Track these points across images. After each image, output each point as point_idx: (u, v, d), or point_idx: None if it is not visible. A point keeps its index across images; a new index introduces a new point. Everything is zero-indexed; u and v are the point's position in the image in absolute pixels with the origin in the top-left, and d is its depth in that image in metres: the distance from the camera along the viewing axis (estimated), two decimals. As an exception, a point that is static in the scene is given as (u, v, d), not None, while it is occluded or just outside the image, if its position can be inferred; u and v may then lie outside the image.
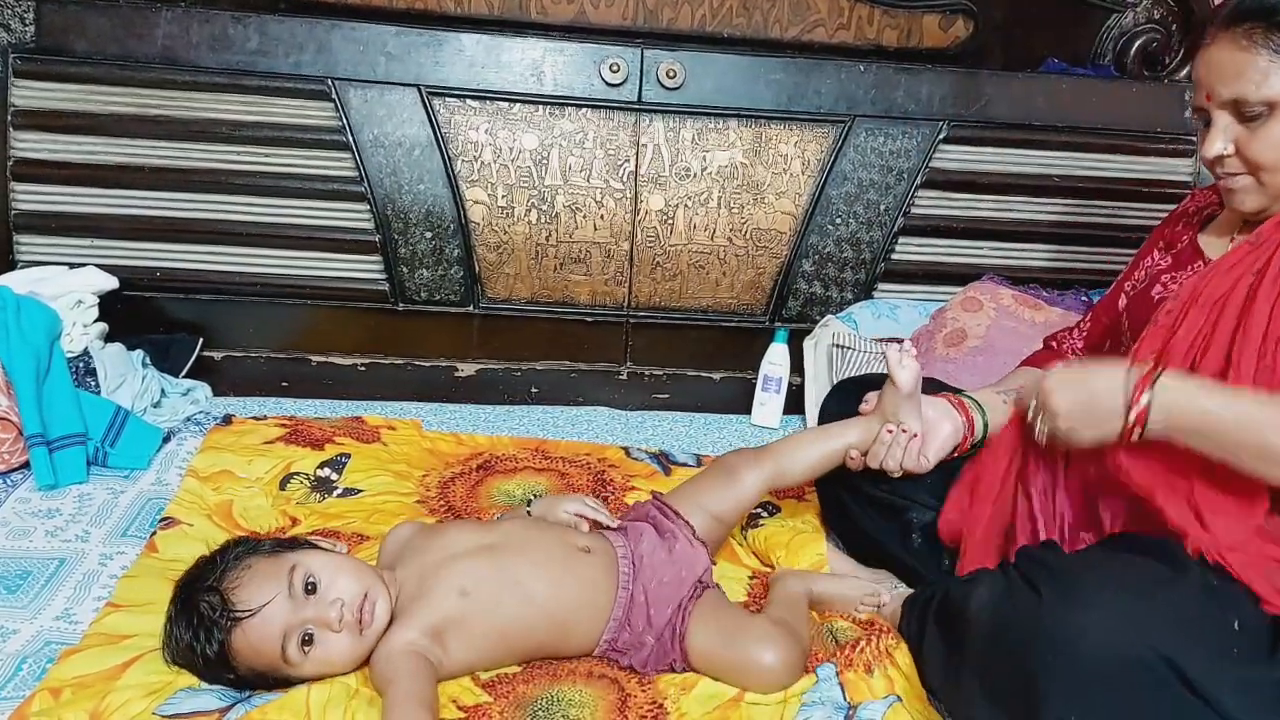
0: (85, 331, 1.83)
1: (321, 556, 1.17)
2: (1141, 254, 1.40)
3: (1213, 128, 1.18)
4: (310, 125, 1.97)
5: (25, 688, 1.12)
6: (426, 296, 2.07)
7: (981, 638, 1.06)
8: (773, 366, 2.05)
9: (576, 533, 1.28)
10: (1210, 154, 1.18)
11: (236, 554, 1.16)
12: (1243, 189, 1.19)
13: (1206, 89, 1.17)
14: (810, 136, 2.05)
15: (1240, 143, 1.16)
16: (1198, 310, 1.16)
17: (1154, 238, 1.40)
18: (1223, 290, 1.15)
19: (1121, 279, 1.42)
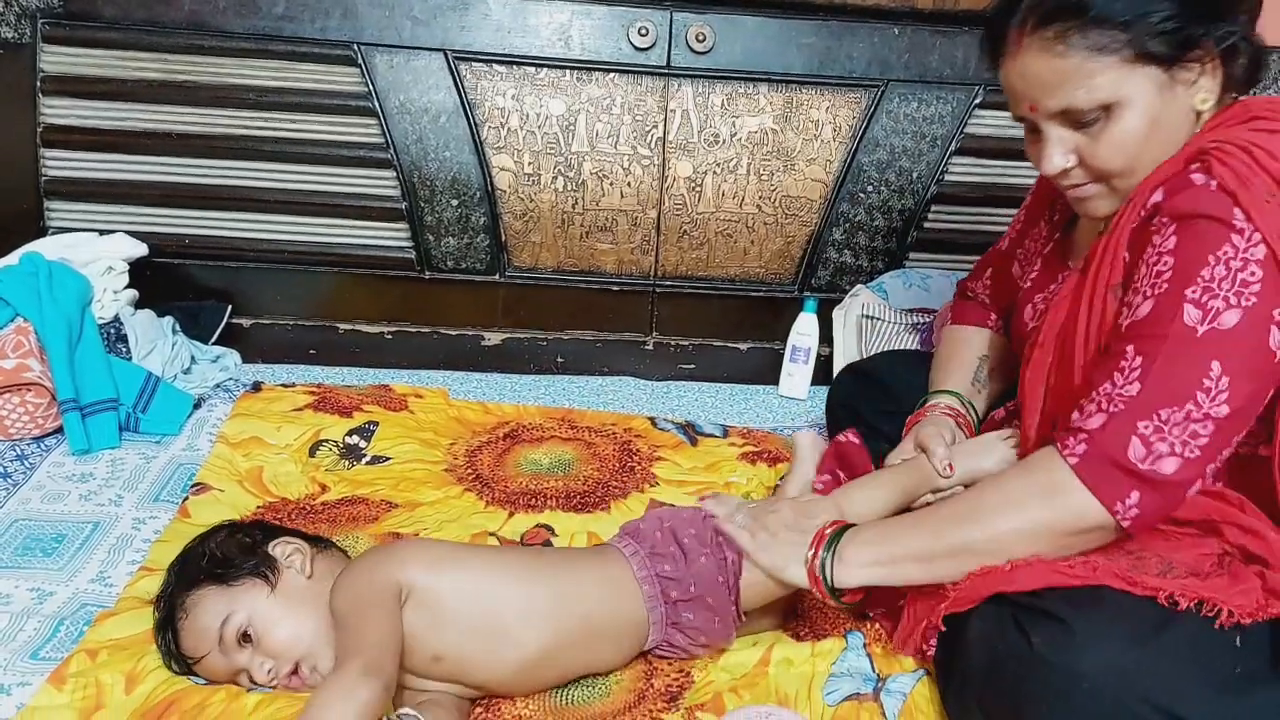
0: (116, 298, 1.84)
1: (264, 602, 1.06)
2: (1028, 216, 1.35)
3: (1046, 141, 1.06)
4: (336, 91, 1.96)
5: (63, 648, 1.14)
6: (453, 265, 2.07)
7: (978, 671, 1.03)
8: (801, 337, 2.03)
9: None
10: (1051, 170, 1.07)
11: (187, 579, 1.09)
12: (1095, 196, 1.09)
13: (1027, 101, 1.05)
14: (842, 102, 2.01)
15: (1082, 151, 1.05)
16: (1041, 350, 1.14)
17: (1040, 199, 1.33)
18: (1058, 325, 1.13)
19: (1013, 240, 1.37)
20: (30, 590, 1.25)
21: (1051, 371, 1.13)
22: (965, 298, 1.47)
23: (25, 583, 1.27)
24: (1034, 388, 1.14)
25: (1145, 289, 1.00)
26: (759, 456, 1.67)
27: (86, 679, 1.07)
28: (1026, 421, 1.17)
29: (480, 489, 1.54)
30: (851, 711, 1.11)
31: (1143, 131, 1.02)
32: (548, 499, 1.53)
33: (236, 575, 1.08)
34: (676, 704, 1.11)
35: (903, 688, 1.15)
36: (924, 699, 1.14)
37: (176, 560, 1.14)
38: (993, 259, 1.42)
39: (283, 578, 1.09)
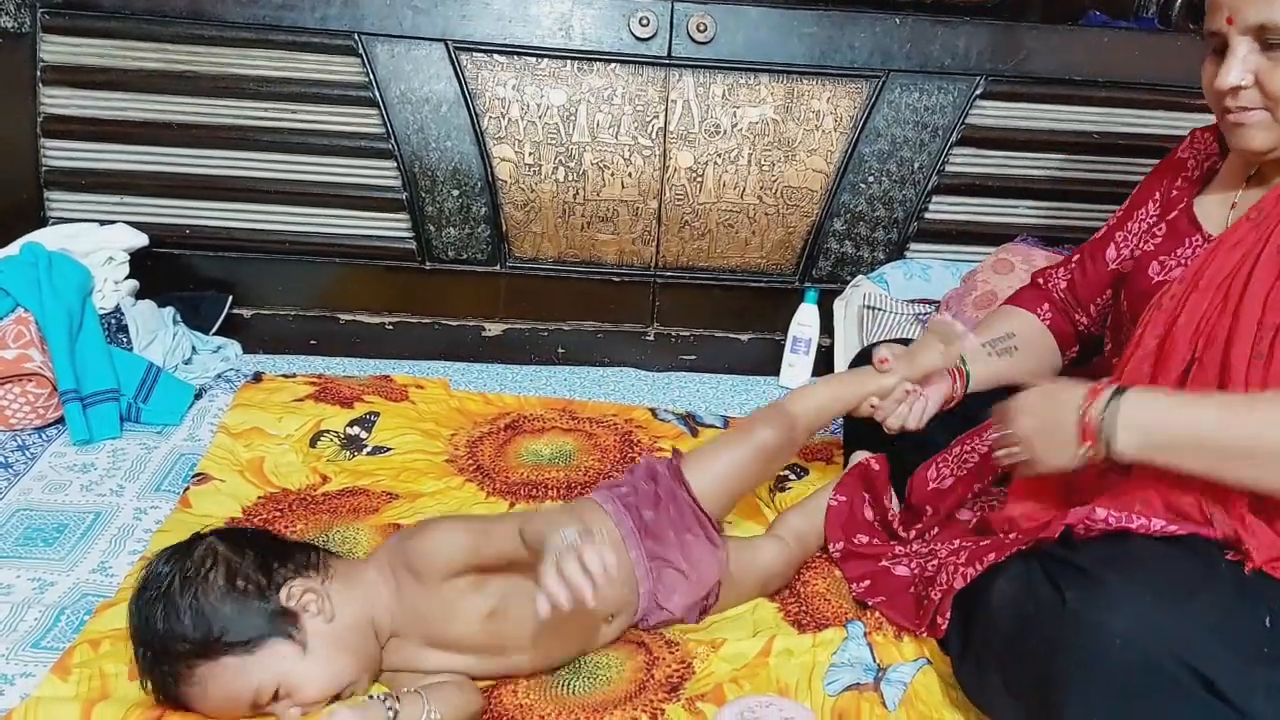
0: (117, 288, 1.84)
1: (295, 665, 0.99)
2: (1134, 201, 1.33)
3: (1230, 55, 1.07)
4: (337, 81, 1.95)
5: (64, 638, 1.14)
6: (454, 255, 2.07)
7: (1002, 633, 1.04)
8: (802, 327, 2.03)
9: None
10: (1227, 83, 1.07)
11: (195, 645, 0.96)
12: (1255, 124, 1.09)
13: (1228, 10, 1.06)
14: (843, 92, 2.01)
15: (1262, 74, 1.05)
16: (1199, 294, 1.10)
17: (1149, 184, 1.32)
18: (1226, 271, 1.09)
19: (1112, 226, 1.35)
20: (31, 580, 1.26)
21: (1208, 319, 1.09)
22: (1034, 285, 1.45)
23: (26, 573, 1.27)
24: (1184, 334, 1.10)
25: None
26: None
27: (90, 669, 1.07)
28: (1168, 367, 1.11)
29: (481, 479, 1.55)
30: (852, 701, 1.11)
31: None
32: (549, 489, 1.53)
33: (256, 641, 0.98)
34: (677, 694, 1.11)
35: (903, 677, 1.15)
36: (924, 688, 1.14)
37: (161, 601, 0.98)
38: (1085, 247, 1.40)
39: (307, 632, 1.01)
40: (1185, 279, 1.12)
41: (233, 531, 1.09)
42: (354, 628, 1.04)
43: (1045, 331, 1.39)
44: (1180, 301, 1.11)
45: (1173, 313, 1.12)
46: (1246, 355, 1.04)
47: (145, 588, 1.01)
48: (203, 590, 0.99)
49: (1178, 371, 1.10)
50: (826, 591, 1.30)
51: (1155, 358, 1.12)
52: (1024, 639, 1.01)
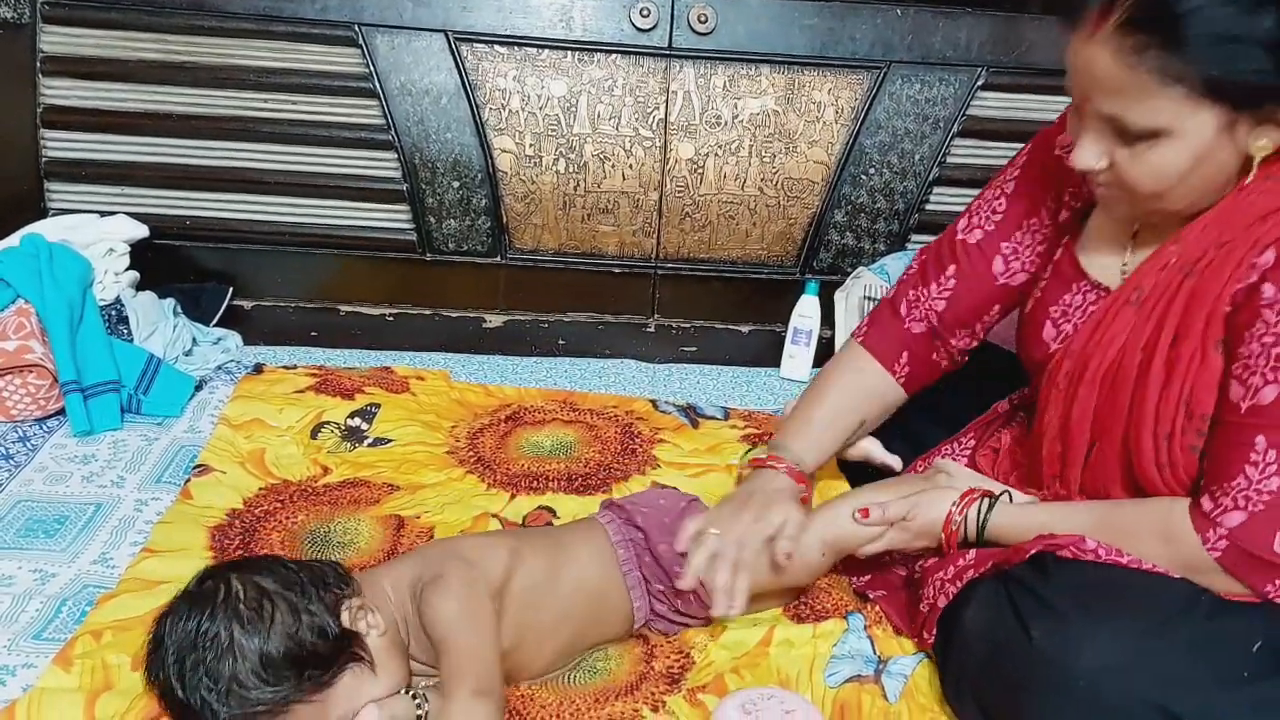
0: (117, 279, 1.84)
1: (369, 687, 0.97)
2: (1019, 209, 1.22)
3: (1084, 135, 1.00)
4: (337, 72, 1.95)
5: (66, 630, 1.15)
6: (454, 247, 2.06)
7: (975, 659, 1.03)
8: (803, 319, 2.03)
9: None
10: (1081, 165, 1.01)
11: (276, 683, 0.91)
12: (1114, 200, 1.04)
13: (1082, 90, 0.98)
14: (844, 83, 2.00)
15: (1117, 162, 0.99)
16: (1086, 387, 1.08)
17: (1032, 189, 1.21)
18: (1107, 363, 1.07)
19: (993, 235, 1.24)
20: (33, 571, 1.26)
21: (1100, 412, 1.08)
22: (889, 317, 1.32)
23: (28, 564, 1.27)
24: (1080, 424, 1.10)
25: (1265, 372, 0.95)
26: (760, 439, 1.67)
27: (93, 660, 1.08)
28: (1070, 452, 1.12)
29: (482, 471, 1.55)
30: (853, 693, 1.11)
31: (1185, 166, 0.96)
32: (549, 481, 1.53)
33: (336, 674, 0.95)
34: (678, 685, 1.12)
35: (904, 670, 1.15)
36: (925, 681, 1.15)
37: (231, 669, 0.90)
38: (954, 254, 1.27)
39: (371, 650, 0.98)
40: (1072, 355, 1.10)
41: (255, 562, 1.01)
42: (395, 634, 1.02)
43: (895, 393, 1.33)
44: (1072, 386, 1.10)
45: (1067, 398, 1.11)
46: (1153, 460, 1.03)
47: (196, 646, 0.91)
48: (273, 638, 0.92)
49: (1084, 449, 1.11)
50: (827, 584, 1.30)
51: (1062, 439, 1.13)
52: (995, 667, 1.01)
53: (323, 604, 0.97)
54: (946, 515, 1.15)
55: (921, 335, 1.30)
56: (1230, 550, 0.98)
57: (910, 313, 1.30)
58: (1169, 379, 1.02)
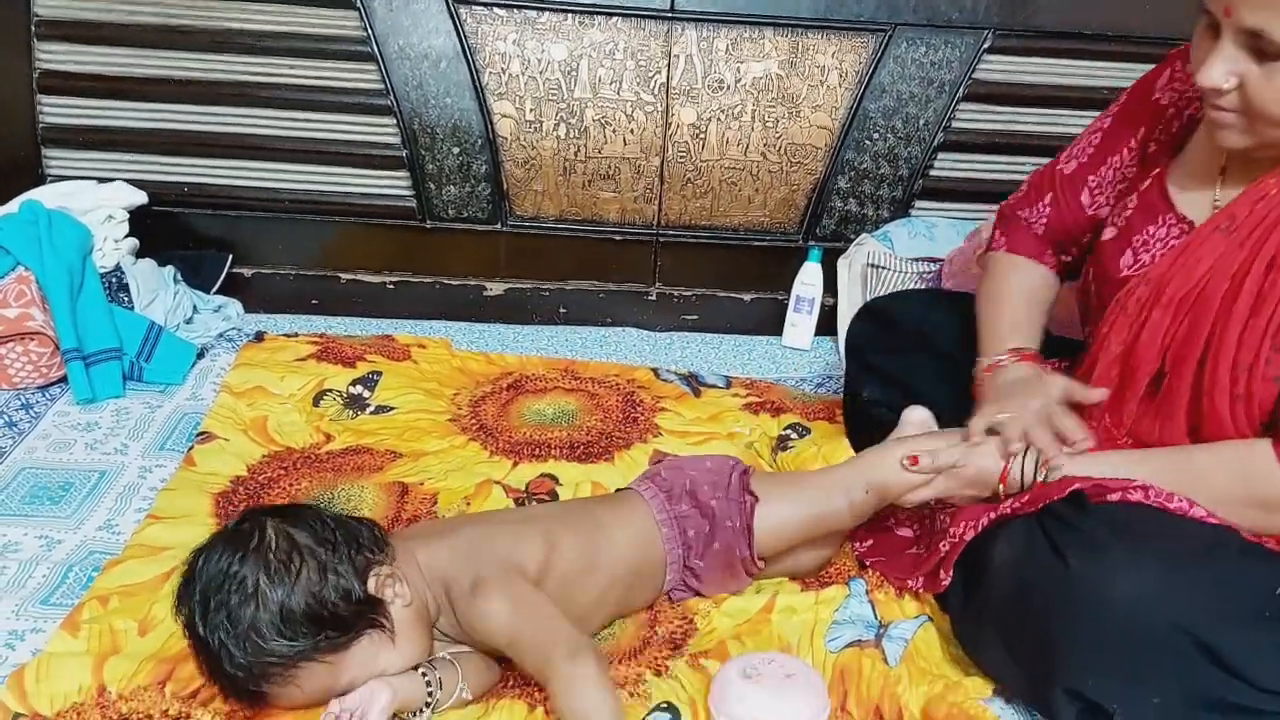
0: (117, 247, 1.83)
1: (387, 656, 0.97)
2: (1106, 144, 1.24)
3: (1217, 52, 0.96)
4: (335, 36, 1.93)
5: (72, 595, 1.15)
6: (454, 214, 2.05)
7: (1001, 593, 1.04)
8: (805, 287, 2.03)
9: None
10: (1208, 82, 0.97)
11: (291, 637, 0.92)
12: (1229, 127, 1.01)
13: (1226, 0, 0.94)
14: (848, 47, 1.98)
15: (1247, 81, 0.95)
16: (1161, 311, 1.06)
17: (1122, 125, 1.22)
18: (1187, 289, 1.05)
19: (1084, 166, 1.25)
20: (38, 538, 1.27)
21: (1173, 337, 1.06)
22: (1018, 224, 1.33)
23: (33, 530, 1.28)
24: (1147, 350, 1.08)
25: None
26: (762, 407, 1.67)
27: (100, 625, 1.08)
28: (1131, 380, 1.10)
29: (484, 439, 1.55)
30: (853, 658, 1.12)
31: None
32: (551, 449, 1.53)
33: (355, 638, 0.96)
34: (681, 650, 1.12)
35: (904, 634, 1.16)
36: (925, 644, 1.15)
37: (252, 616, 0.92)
38: (1053, 183, 1.29)
39: (394, 619, 0.98)
40: (1150, 280, 1.08)
41: (296, 512, 1.01)
42: (421, 608, 1.02)
43: (1056, 281, 1.33)
44: (1144, 311, 1.08)
45: (1136, 321, 1.09)
46: (1229, 391, 1.03)
47: (223, 587, 0.92)
48: (296, 592, 0.93)
49: (1147, 379, 1.10)
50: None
51: (1121, 365, 1.11)
52: (1024, 601, 1.02)
53: (352, 565, 0.96)
54: (1004, 466, 1.13)
55: (1045, 239, 1.32)
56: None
57: (1030, 219, 1.32)
58: (1257, 307, 1.01)
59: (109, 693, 1.01)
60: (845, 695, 1.08)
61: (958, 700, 1.06)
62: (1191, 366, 1.05)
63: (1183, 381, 1.06)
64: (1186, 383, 1.06)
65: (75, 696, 1.01)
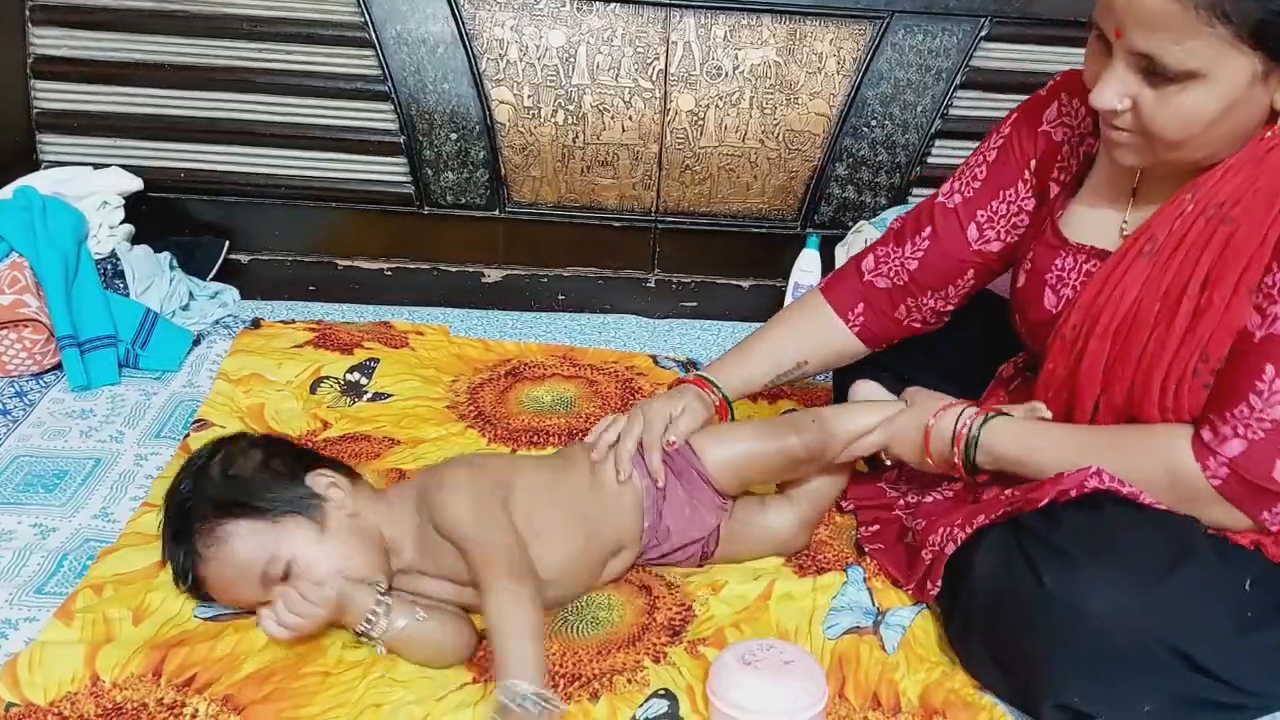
0: (112, 233, 1.82)
1: (312, 545, 1.03)
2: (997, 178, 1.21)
3: (1110, 72, 0.95)
4: (331, 21, 1.92)
5: (67, 584, 1.15)
6: (452, 200, 2.05)
7: (983, 604, 1.04)
8: (804, 274, 2.02)
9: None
10: (1101, 105, 0.97)
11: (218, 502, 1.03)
12: (1126, 146, 1.00)
13: (1116, 22, 0.92)
14: (846, 34, 1.97)
15: (1141, 104, 0.95)
16: (1097, 340, 1.06)
17: (1012, 157, 1.20)
18: (1121, 315, 1.05)
19: (970, 201, 1.22)
20: (33, 526, 1.26)
21: (1111, 362, 1.07)
22: (855, 267, 1.32)
23: (28, 518, 1.27)
24: (1090, 376, 1.08)
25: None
26: (759, 394, 1.67)
27: (94, 614, 1.08)
28: (1077, 405, 1.11)
29: (483, 426, 1.55)
30: (851, 645, 1.12)
31: (1212, 114, 0.93)
32: (550, 436, 1.53)
33: (280, 510, 1.04)
34: (679, 638, 1.12)
35: (902, 621, 1.16)
36: (923, 632, 1.15)
37: (193, 472, 1.08)
38: (932, 217, 1.26)
39: (329, 517, 1.06)
40: (1081, 308, 1.08)
41: (272, 436, 1.18)
42: (370, 531, 1.08)
43: (846, 341, 1.32)
44: (1080, 340, 1.08)
45: (1075, 350, 1.09)
46: (1158, 404, 1.03)
47: (185, 465, 1.10)
48: (239, 462, 1.07)
49: (1092, 400, 1.10)
50: (827, 537, 1.31)
51: (1068, 388, 1.12)
52: (1004, 614, 1.02)
53: (300, 464, 1.10)
54: (930, 418, 1.16)
55: (884, 291, 1.29)
56: (1230, 479, 0.98)
57: (876, 268, 1.30)
58: (1193, 325, 1.01)
59: (102, 681, 1.01)
60: (843, 682, 1.08)
61: (955, 687, 1.06)
62: (1125, 385, 1.06)
63: (1120, 399, 1.07)
64: (1121, 402, 1.07)
65: (69, 685, 1.00)
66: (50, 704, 0.98)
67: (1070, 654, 0.96)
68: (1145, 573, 0.96)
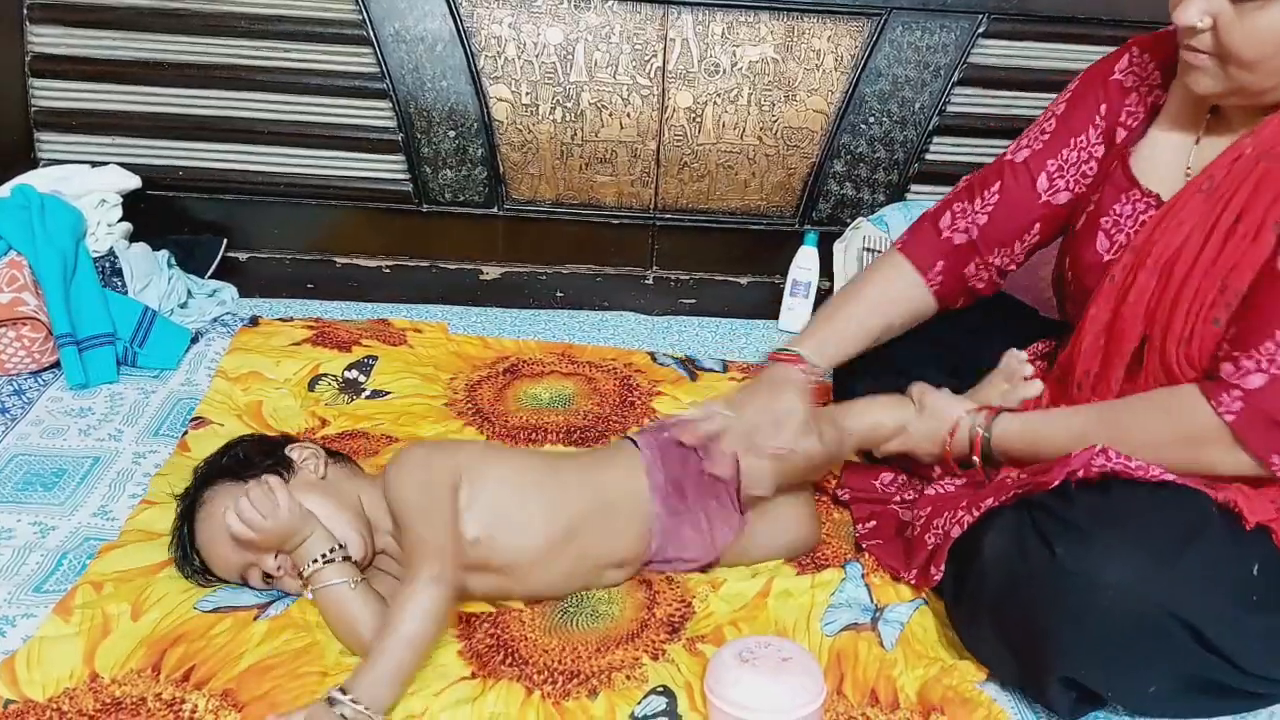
0: (110, 231, 1.82)
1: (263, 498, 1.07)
2: (1067, 126, 1.22)
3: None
4: (330, 19, 1.92)
5: (66, 582, 1.15)
6: (450, 197, 2.05)
7: (993, 584, 1.04)
8: (802, 270, 2.02)
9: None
10: (1183, 20, 0.98)
11: (208, 477, 1.13)
12: (1202, 69, 1.01)
13: None
14: (844, 30, 1.97)
15: (1221, 22, 0.96)
16: (1146, 273, 1.07)
17: (1082, 106, 1.21)
18: (1174, 247, 1.05)
19: (1040, 152, 1.24)
20: (32, 524, 1.26)
21: (1156, 299, 1.07)
22: (927, 229, 1.31)
23: (27, 517, 1.27)
24: (1133, 313, 1.08)
25: None
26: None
27: (93, 610, 1.08)
28: (1121, 345, 1.10)
29: (481, 423, 1.55)
30: (849, 641, 1.12)
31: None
32: (548, 433, 1.53)
33: (252, 472, 1.11)
34: (678, 635, 1.12)
35: (900, 617, 1.16)
36: (921, 628, 1.16)
37: (202, 462, 1.18)
38: (1001, 173, 1.27)
39: (296, 476, 1.12)
40: (1135, 248, 1.09)
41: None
42: (347, 497, 1.12)
43: (925, 301, 1.31)
44: (1129, 276, 1.08)
45: (1122, 287, 1.09)
46: (1178, 335, 1.04)
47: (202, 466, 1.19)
48: (239, 445, 1.17)
49: (1132, 346, 1.10)
50: (826, 534, 1.31)
51: (1108, 334, 1.12)
52: (1015, 592, 1.02)
53: (285, 440, 1.18)
54: (955, 417, 1.17)
55: (961, 247, 1.29)
56: (1244, 413, 0.98)
57: (953, 224, 1.29)
58: (1219, 257, 1.02)
59: (101, 677, 1.01)
60: (841, 679, 1.08)
61: (953, 683, 1.07)
62: (1163, 327, 1.06)
63: (1156, 341, 1.07)
64: (1159, 340, 1.07)
65: (67, 681, 1.00)
66: (49, 700, 0.99)
67: (1081, 629, 0.97)
68: (1160, 547, 0.96)
